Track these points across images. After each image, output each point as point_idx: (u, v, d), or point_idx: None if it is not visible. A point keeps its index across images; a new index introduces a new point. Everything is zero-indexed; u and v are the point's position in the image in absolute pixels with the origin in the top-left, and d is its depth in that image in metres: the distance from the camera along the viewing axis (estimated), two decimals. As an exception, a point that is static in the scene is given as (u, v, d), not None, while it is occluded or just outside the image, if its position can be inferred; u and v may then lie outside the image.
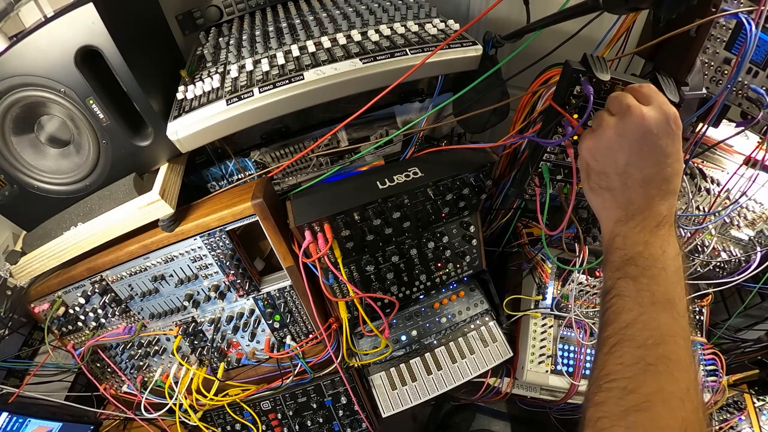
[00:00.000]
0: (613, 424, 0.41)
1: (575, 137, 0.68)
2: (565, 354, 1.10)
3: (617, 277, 0.49)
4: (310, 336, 0.94)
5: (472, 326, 1.05)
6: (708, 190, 1.02)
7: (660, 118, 0.50)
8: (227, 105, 0.70)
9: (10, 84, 0.65)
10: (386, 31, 0.79)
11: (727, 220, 1.08)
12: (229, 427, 1.02)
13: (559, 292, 1.10)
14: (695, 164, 1.03)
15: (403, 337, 1.01)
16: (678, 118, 0.51)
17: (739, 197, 1.01)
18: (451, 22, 0.84)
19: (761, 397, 1.28)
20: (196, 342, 0.93)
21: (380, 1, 0.92)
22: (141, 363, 0.97)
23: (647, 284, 0.47)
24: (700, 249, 1.05)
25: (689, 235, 1.02)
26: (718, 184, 1.03)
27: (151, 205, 0.72)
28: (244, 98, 0.70)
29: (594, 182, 0.55)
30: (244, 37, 0.88)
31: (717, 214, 1.02)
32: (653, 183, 0.51)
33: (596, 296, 1.07)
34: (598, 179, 0.55)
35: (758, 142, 0.88)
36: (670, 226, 0.50)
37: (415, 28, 0.82)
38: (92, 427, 1.01)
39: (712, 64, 0.79)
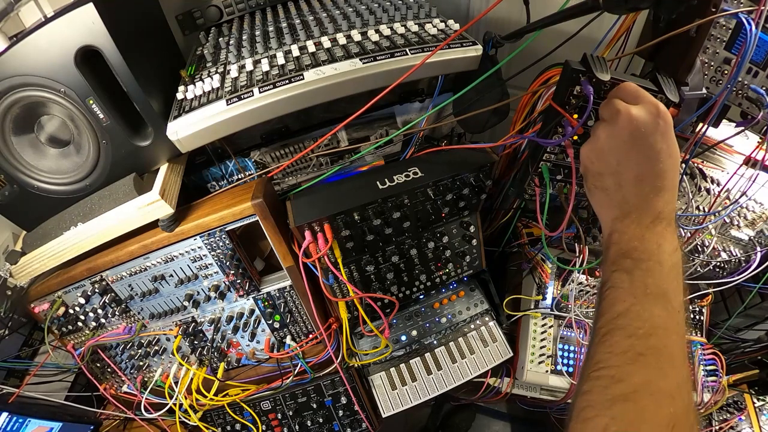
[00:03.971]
0: (597, 414, 0.40)
1: (575, 137, 0.69)
2: (565, 354, 1.10)
3: (612, 270, 0.49)
4: (310, 336, 0.94)
5: (472, 326, 1.05)
6: (708, 190, 1.02)
7: (647, 116, 0.51)
8: (227, 105, 0.70)
9: (10, 84, 0.65)
10: (386, 31, 0.79)
11: (727, 220, 1.08)
12: (229, 427, 1.02)
13: (559, 292, 1.10)
14: (695, 164, 1.03)
15: (403, 337, 1.01)
16: (667, 113, 0.52)
17: (739, 197, 1.01)
18: (451, 22, 0.84)
19: (761, 397, 1.28)
20: (196, 342, 0.93)
21: (380, 1, 0.92)
22: (141, 363, 0.97)
23: (641, 276, 0.46)
24: (700, 249, 1.05)
25: (689, 235, 1.02)
26: (718, 184, 1.03)
27: (151, 205, 0.72)
28: (244, 98, 0.70)
29: (591, 183, 0.57)
30: (244, 37, 0.88)
31: (717, 214, 1.02)
32: (646, 180, 0.51)
33: (596, 296, 1.07)
34: (594, 180, 0.57)
35: (758, 142, 0.88)
36: (668, 223, 0.49)
37: (415, 28, 0.82)
38: (92, 427, 1.01)
39: (712, 64, 0.79)
